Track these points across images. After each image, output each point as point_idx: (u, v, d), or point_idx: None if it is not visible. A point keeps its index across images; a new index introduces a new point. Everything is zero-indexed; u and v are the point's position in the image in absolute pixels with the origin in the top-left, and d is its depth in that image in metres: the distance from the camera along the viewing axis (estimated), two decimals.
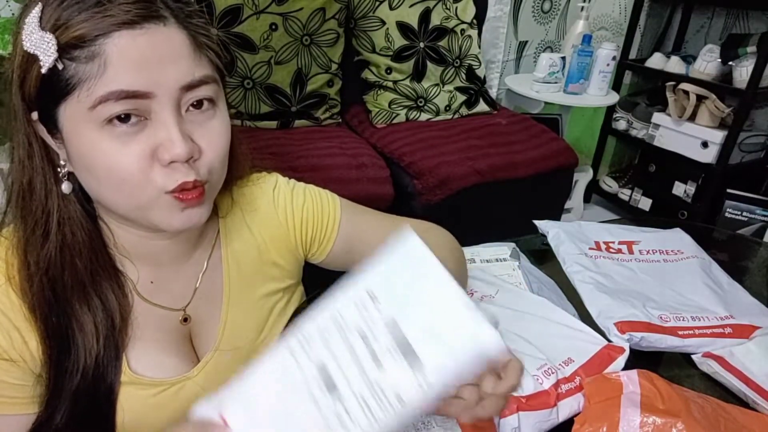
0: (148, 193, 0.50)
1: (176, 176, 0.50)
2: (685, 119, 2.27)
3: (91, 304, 0.56)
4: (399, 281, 0.40)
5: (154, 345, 0.61)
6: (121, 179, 0.49)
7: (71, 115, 0.48)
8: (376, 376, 0.37)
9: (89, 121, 0.47)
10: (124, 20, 0.45)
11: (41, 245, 0.53)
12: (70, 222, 0.54)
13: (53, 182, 0.52)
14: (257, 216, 0.69)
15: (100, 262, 0.57)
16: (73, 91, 0.46)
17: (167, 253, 0.62)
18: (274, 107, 1.83)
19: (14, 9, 1.55)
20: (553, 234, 0.94)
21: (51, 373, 0.55)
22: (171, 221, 0.53)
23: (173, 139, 0.48)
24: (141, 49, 0.46)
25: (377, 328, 0.39)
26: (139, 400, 0.59)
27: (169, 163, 0.49)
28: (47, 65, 0.45)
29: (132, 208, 0.52)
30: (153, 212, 0.52)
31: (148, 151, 0.49)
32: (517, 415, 0.55)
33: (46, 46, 0.45)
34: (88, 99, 0.46)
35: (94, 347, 0.56)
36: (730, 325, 0.73)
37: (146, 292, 0.61)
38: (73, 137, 0.49)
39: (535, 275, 0.83)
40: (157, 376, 0.60)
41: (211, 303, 0.65)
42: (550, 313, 0.72)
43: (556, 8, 2.48)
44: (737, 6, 2.45)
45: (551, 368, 0.59)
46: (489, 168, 1.72)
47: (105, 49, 0.45)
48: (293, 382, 0.39)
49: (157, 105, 0.48)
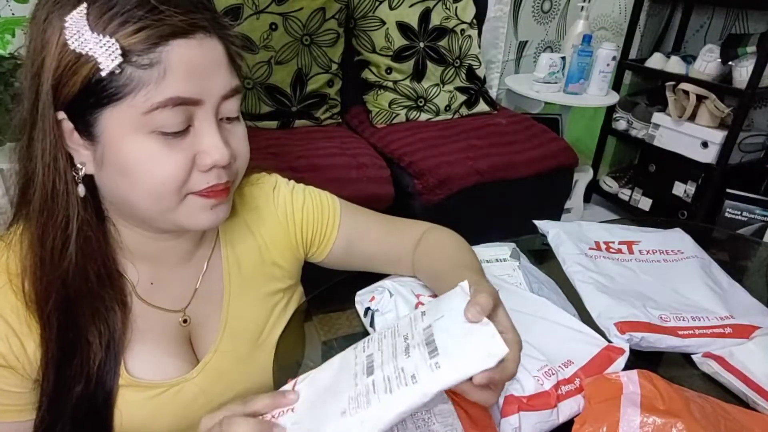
0: (177, 197, 0.52)
1: (209, 179, 0.52)
2: (685, 119, 2.27)
3: (97, 312, 0.56)
4: (444, 305, 0.51)
5: (152, 347, 0.60)
6: (161, 183, 0.50)
7: (119, 118, 0.47)
8: (403, 363, 0.46)
9: (139, 126, 0.47)
10: (181, 29, 0.46)
11: (61, 250, 0.52)
12: (87, 226, 0.54)
13: (74, 185, 0.52)
14: (257, 216, 0.69)
15: (107, 267, 0.57)
16: (128, 95, 0.46)
17: (171, 254, 0.62)
18: (274, 107, 1.83)
19: (14, 9, 1.55)
20: (553, 234, 0.94)
21: (52, 379, 0.54)
22: (198, 220, 0.54)
23: (217, 146, 0.51)
24: (196, 58, 0.48)
25: (417, 331, 0.49)
26: (138, 403, 0.59)
27: (210, 169, 0.52)
28: (108, 68, 0.45)
29: (160, 210, 0.52)
30: (179, 213, 0.53)
31: (190, 158, 0.50)
32: (518, 415, 0.55)
33: (106, 50, 0.44)
34: (144, 104, 0.46)
35: (98, 355, 0.56)
36: (730, 325, 0.73)
37: (146, 293, 0.61)
38: (116, 141, 0.48)
39: (535, 275, 0.83)
40: (155, 378, 0.60)
41: (211, 304, 0.65)
42: (550, 313, 0.72)
43: (556, 8, 2.48)
44: (737, 6, 2.45)
45: (551, 369, 0.59)
46: (489, 168, 1.72)
47: (165, 57, 0.46)
48: (347, 367, 0.49)
49: (202, 113, 0.50)
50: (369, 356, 0.49)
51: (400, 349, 0.48)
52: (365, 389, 0.46)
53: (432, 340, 0.47)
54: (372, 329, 0.69)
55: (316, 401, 0.48)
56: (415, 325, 0.50)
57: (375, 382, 0.46)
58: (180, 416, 0.62)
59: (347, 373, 0.49)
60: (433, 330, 0.48)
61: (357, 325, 0.73)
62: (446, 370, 0.44)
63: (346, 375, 0.49)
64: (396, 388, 0.44)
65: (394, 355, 0.47)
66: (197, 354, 0.64)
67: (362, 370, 0.48)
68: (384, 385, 0.45)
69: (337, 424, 0.44)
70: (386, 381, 0.45)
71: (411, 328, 0.50)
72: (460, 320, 0.48)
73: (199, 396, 0.62)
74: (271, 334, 0.69)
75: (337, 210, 0.73)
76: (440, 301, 0.53)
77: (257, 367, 0.67)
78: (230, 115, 0.54)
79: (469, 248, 0.75)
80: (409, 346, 0.47)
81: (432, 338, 0.47)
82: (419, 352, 0.46)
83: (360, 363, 0.49)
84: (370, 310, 0.71)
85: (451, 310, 0.50)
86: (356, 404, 0.45)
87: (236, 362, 0.65)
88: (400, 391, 0.44)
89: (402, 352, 0.47)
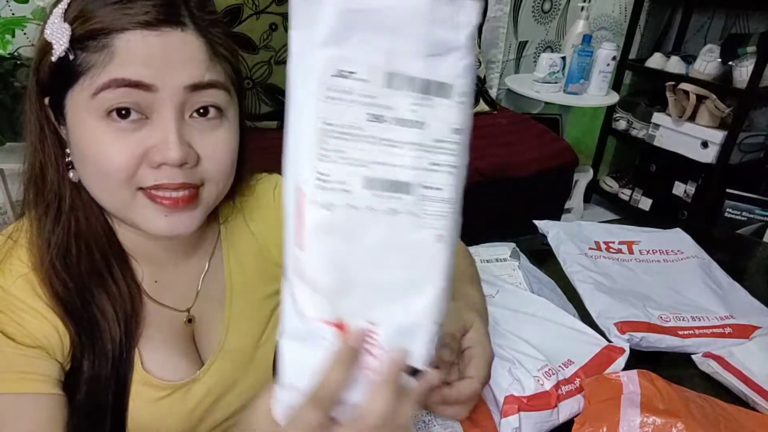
0: (127, 192, 0.50)
1: (157, 176, 0.49)
2: (685, 119, 2.27)
3: (109, 291, 0.56)
4: (349, 32, 0.33)
5: (162, 345, 0.60)
6: (106, 174, 0.49)
7: (75, 102, 0.49)
8: (422, 135, 0.33)
9: (90, 110, 0.48)
10: (142, 20, 0.46)
11: (52, 229, 0.53)
12: (84, 208, 0.54)
13: (65, 169, 0.53)
14: (258, 217, 0.69)
15: (113, 250, 0.57)
16: (79, 78, 0.47)
17: (167, 254, 0.61)
18: (274, 107, 1.83)
19: (14, 9, 1.55)
20: (553, 234, 0.94)
21: (87, 361, 0.55)
22: (154, 226, 0.51)
23: (168, 141, 0.48)
24: (150, 47, 0.47)
25: (379, 94, 0.33)
26: (149, 401, 0.58)
27: (159, 166, 0.49)
28: (58, 54, 0.47)
29: (115, 207, 0.52)
30: (133, 212, 0.51)
31: (139, 151, 0.48)
32: (518, 415, 0.55)
33: (60, 36, 0.47)
34: (91, 86, 0.47)
35: (117, 333, 0.55)
36: (730, 325, 0.73)
37: (152, 291, 0.61)
38: (74, 125, 0.49)
39: (535, 275, 0.83)
40: (167, 377, 0.59)
41: (214, 304, 0.65)
42: (550, 313, 0.72)
43: (556, 8, 2.48)
44: (737, 6, 2.45)
45: (552, 369, 0.59)
46: (489, 168, 1.72)
47: (115, 42, 0.46)
48: (361, 224, 0.33)
49: (159, 103, 0.48)
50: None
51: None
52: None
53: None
54: None
55: None
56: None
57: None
58: (186, 417, 0.62)
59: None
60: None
61: None
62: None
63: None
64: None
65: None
66: (201, 354, 0.64)
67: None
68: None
69: None
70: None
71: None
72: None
73: (205, 396, 0.62)
74: (272, 333, 0.69)
75: None
76: None
77: (259, 367, 0.67)
78: (202, 109, 0.50)
79: (468, 257, 0.75)
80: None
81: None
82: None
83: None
84: None
85: None
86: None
87: (239, 362, 0.65)
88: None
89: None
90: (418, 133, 0.32)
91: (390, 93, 0.31)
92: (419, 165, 0.32)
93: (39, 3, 1.31)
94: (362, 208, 0.32)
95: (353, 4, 0.30)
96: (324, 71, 0.31)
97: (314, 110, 0.31)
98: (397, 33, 0.31)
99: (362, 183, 0.32)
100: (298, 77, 0.33)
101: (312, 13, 0.32)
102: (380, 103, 0.32)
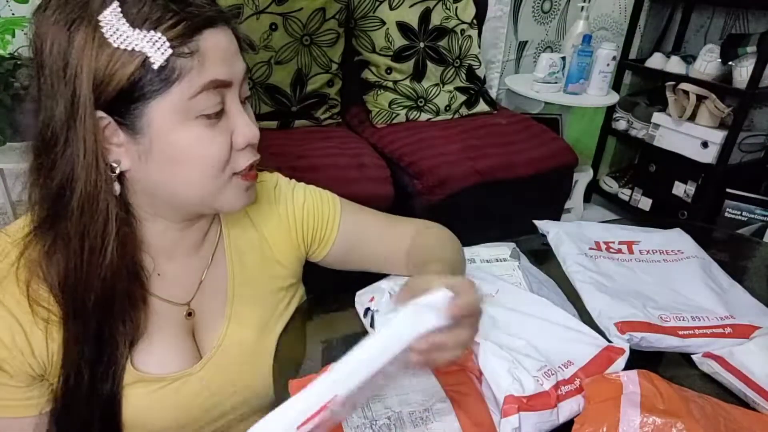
0: (224, 178, 0.55)
1: (247, 156, 0.57)
2: (685, 119, 2.27)
3: (125, 310, 0.57)
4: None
5: (157, 340, 0.61)
6: (211, 166, 0.53)
7: (167, 108, 0.49)
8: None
9: (185, 112, 0.50)
10: (210, 19, 0.50)
11: (101, 249, 0.52)
12: (124, 223, 0.54)
13: (111, 183, 0.52)
14: (259, 215, 0.69)
15: (135, 264, 0.58)
16: (175, 83, 0.49)
17: (180, 248, 0.62)
18: (274, 107, 1.83)
19: (14, 9, 1.55)
20: (553, 234, 0.94)
21: (85, 375, 0.55)
22: (237, 202, 0.58)
23: (250, 124, 0.55)
24: (223, 44, 0.52)
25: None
26: (142, 396, 0.59)
27: (245, 147, 0.55)
28: (160, 62, 0.47)
29: (205, 194, 0.55)
30: (223, 195, 0.56)
31: (228, 138, 0.54)
32: (518, 415, 0.55)
33: (154, 44, 0.47)
34: (189, 90, 0.49)
35: (122, 349, 0.57)
36: (730, 325, 0.73)
37: (154, 285, 0.61)
38: (165, 131, 0.50)
39: (535, 275, 0.83)
40: (159, 371, 0.60)
41: (215, 299, 0.65)
42: (550, 313, 0.72)
43: (556, 8, 2.48)
44: (737, 6, 2.44)
45: (551, 369, 0.59)
46: (489, 168, 1.72)
47: (201, 45, 0.49)
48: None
49: (231, 95, 0.54)
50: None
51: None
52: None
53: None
54: (372, 329, 0.69)
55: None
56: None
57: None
58: (182, 409, 0.62)
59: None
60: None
61: (357, 325, 0.73)
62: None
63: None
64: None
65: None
66: (200, 348, 0.65)
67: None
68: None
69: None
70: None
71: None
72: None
73: (202, 390, 0.63)
74: (272, 331, 0.69)
75: (337, 209, 0.73)
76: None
77: (258, 364, 0.67)
78: (247, 96, 0.58)
79: (457, 249, 0.75)
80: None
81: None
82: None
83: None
84: (369, 311, 0.71)
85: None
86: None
87: (238, 358, 0.66)
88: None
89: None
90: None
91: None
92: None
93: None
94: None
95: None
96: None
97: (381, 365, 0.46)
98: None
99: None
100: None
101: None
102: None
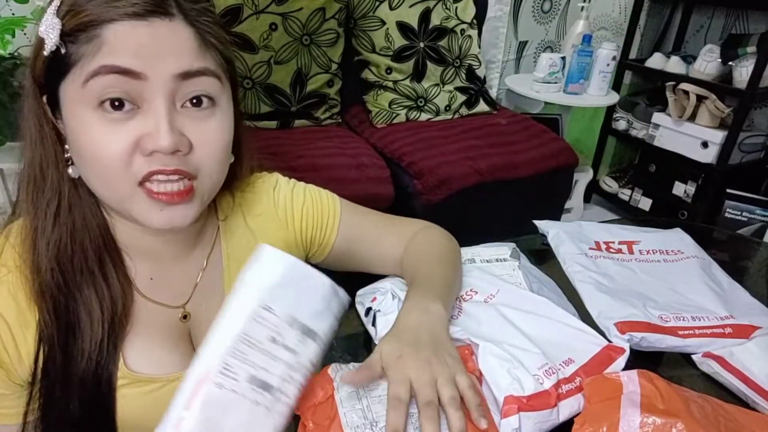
0: (125, 185, 0.50)
1: (152, 164, 0.50)
2: (685, 119, 2.27)
3: (98, 289, 0.56)
4: (281, 286, 0.50)
5: (152, 342, 0.60)
6: (104, 166, 0.49)
7: (68, 94, 0.49)
8: (294, 359, 0.50)
9: (83, 101, 0.48)
10: (130, 12, 0.47)
11: (52, 228, 0.53)
12: (82, 205, 0.54)
13: (64, 165, 0.53)
14: (258, 215, 0.69)
15: (108, 248, 0.57)
16: (71, 69, 0.48)
17: (165, 250, 0.61)
18: (274, 107, 1.83)
19: (14, 9, 1.55)
20: (553, 234, 0.94)
21: (59, 360, 0.55)
22: (151, 219, 0.52)
23: (160, 129, 0.48)
24: (139, 37, 0.48)
25: (282, 328, 0.50)
26: (136, 397, 0.59)
27: (151, 153, 0.49)
28: (50, 48, 0.48)
29: (114, 199, 0.52)
30: (132, 207, 0.52)
31: (132, 140, 0.49)
32: (518, 415, 0.55)
33: (52, 31, 0.48)
34: (81, 75, 0.48)
35: (98, 332, 0.56)
36: (730, 325, 0.73)
37: (145, 288, 0.61)
38: (69, 117, 0.50)
39: (535, 275, 0.83)
40: (153, 372, 0.60)
41: (211, 301, 0.65)
42: (550, 312, 0.72)
43: (556, 8, 2.48)
44: (737, 6, 2.45)
45: (552, 368, 0.59)
46: (489, 168, 1.72)
47: (103, 33, 0.47)
48: (234, 404, 0.47)
49: (150, 92, 0.49)
50: (251, 378, 0.49)
51: (278, 351, 0.50)
52: (275, 398, 0.50)
53: (306, 327, 0.51)
54: (373, 329, 0.69)
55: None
56: (272, 324, 0.50)
57: (281, 389, 0.50)
58: None
59: (241, 407, 0.49)
60: (299, 319, 0.51)
61: (357, 325, 0.73)
62: (326, 337, 0.52)
63: (242, 409, 0.48)
64: (301, 378, 0.51)
65: (278, 360, 0.49)
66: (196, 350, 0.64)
67: (254, 390, 0.49)
68: (288, 384, 0.50)
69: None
70: (289, 380, 0.50)
71: (270, 328, 0.50)
72: (308, 292, 0.53)
73: None
74: None
75: (337, 209, 0.73)
76: (268, 282, 0.51)
77: None
78: (195, 99, 0.51)
79: (453, 251, 0.75)
80: (288, 345, 0.50)
81: (306, 327, 0.51)
82: (304, 345, 0.51)
83: (247, 389, 0.49)
84: (371, 311, 0.71)
85: (294, 288, 0.51)
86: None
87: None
88: (305, 378, 0.51)
89: (283, 351, 0.50)
90: (291, 357, 0.49)
91: (287, 328, 0.49)
92: (283, 376, 0.49)
93: (39, 3, 1.32)
94: (239, 393, 0.47)
95: (295, 280, 0.51)
96: (260, 303, 0.48)
97: (242, 324, 0.47)
98: (307, 299, 0.51)
99: (247, 377, 0.47)
100: (242, 296, 0.49)
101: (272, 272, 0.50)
102: (279, 332, 0.49)
